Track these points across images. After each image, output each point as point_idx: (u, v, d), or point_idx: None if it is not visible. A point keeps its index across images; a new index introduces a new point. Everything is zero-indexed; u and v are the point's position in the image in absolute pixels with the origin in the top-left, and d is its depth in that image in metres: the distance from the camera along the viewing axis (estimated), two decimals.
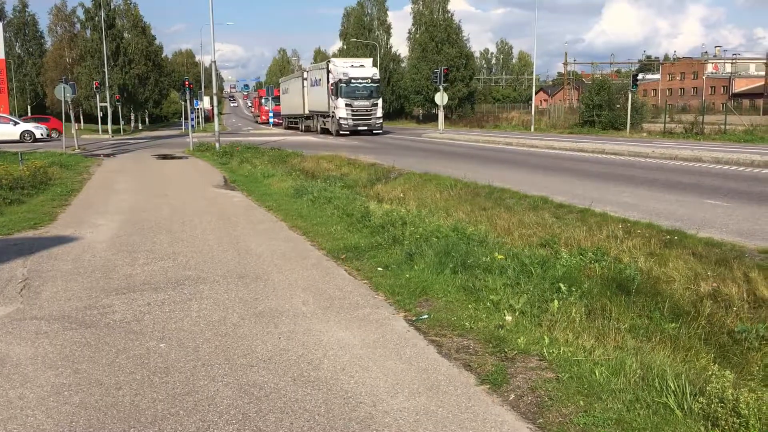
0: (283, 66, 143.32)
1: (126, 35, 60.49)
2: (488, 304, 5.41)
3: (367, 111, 40.49)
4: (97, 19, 53.83)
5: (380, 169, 18.51)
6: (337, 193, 12.11)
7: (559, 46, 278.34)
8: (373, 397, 3.90)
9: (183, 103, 41.05)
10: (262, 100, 78.65)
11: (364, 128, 40.56)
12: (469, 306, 5.46)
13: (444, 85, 41.33)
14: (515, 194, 12.73)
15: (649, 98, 77.61)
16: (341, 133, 40.15)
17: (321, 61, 59.99)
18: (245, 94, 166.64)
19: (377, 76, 41.83)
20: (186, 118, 45.93)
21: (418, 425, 3.55)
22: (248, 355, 4.57)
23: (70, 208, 11.79)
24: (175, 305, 5.75)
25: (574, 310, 5.14)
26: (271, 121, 66.09)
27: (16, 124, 38.60)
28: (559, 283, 5.70)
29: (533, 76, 63.50)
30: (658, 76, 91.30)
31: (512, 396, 3.90)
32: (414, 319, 5.31)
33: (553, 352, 4.39)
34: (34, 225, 9.84)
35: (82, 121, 57.52)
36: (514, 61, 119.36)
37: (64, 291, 6.23)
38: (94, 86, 46.66)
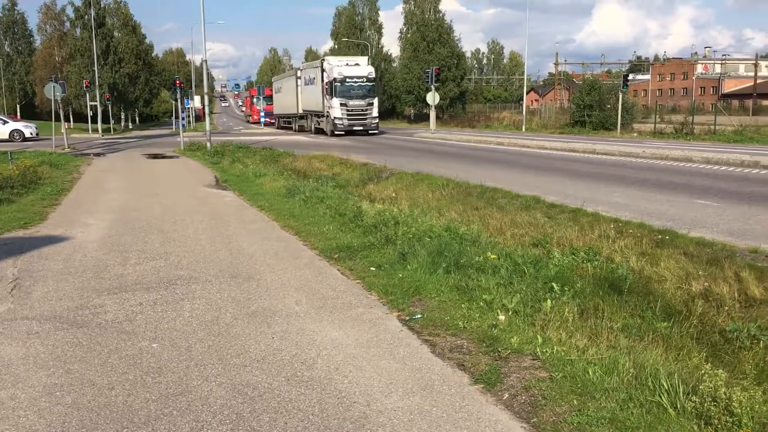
0: (274, 65, 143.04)
1: (116, 34, 60.16)
2: (481, 303, 5.42)
3: (362, 111, 39.44)
4: (86, 17, 53.50)
5: (372, 168, 18.50)
6: (329, 193, 12.10)
7: (550, 47, 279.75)
8: (367, 396, 3.89)
9: (174, 103, 40.87)
10: (253, 100, 78.40)
11: (360, 128, 39.54)
12: (463, 305, 5.47)
13: (435, 84, 41.23)
14: (507, 194, 12.75)
15: (640, 98, 77.92)
16: (336, 133, 39.19)
17: (312, 60, 59.56)
18: (236, 94, 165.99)
19: (373, 75, 40.77)
20: (177, 118, 45.77)
21: (412, 425, 3.55)
22: (241, 354, 4.56)
23: (60, 208, 11.73)
24: (168, 305, 5.73)
25: (567, 310, 5.16)
26: (262, 120, 65.84)
27: (5, 123, 38.36)
28: (552, 283, 5.72)
29: (524, 76, 63.61)
30: (648, 77, 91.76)
31: (506, 395, 3.91)
32: (407, 318, 5.31)
33: (547, 351, 4.41)
34: (25, 224, 9.77)
35: (72, 120, 57.16)
36: (505, 61, 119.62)
37: (56, 291, 6.19)
38: (84, 85, 46.51)
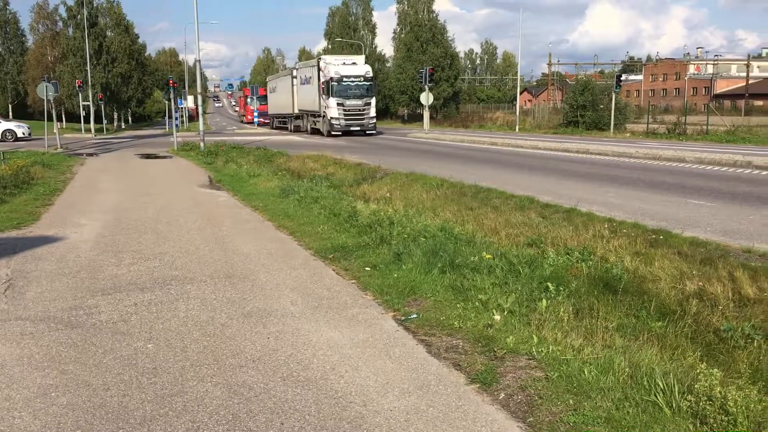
0: (267, 65, 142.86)
1: (109, 33, 59.94)
2: (477, 303, 5.42)
3: (359, 111, 38.53)
4: (79, 17, 53.30)
5: (366, 168, 18.49)
6: (323, 193, 12.09)
7: (543, 47, 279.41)
8: (364, 396, 3.89)
9: (167, 102, 40.67)
10: (247, 100, 78.26)
11: (357, 128, 38.75)
12: (458, 305, 5.47)
13: (429, 85, 41.18)
14: (501, 194, 12.76)
15: (632, 99, 78.08)
16: (333, 133, 38.40)
17: (306, 60, 59.29)
18: (229, 94, 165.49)
19: (370, 74, 39.88)
20: (170, 117, 45.58)
21: (408, 425, 3.55)
22: (237, 355, 4.55)
23: (53, 208, 11.68)
24: (162, 306, 5.71)
25: (562, 310, 5.17)
26: (256, 120, 65.69)
27: None
28: (547, 283, 5.74)
29: (518, 77, 63.67)
30: (640, 77, 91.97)
31: (502, 395, 3.91)
32: (403, 318, 5.31)
33: (542, 351, 4.41)
34: (17, 225, 9.73)
35: (65, 120, 56.89)
36: (499, 61, 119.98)
37: (49, 291, 6.16)
38: (77, 85, 46.22)
